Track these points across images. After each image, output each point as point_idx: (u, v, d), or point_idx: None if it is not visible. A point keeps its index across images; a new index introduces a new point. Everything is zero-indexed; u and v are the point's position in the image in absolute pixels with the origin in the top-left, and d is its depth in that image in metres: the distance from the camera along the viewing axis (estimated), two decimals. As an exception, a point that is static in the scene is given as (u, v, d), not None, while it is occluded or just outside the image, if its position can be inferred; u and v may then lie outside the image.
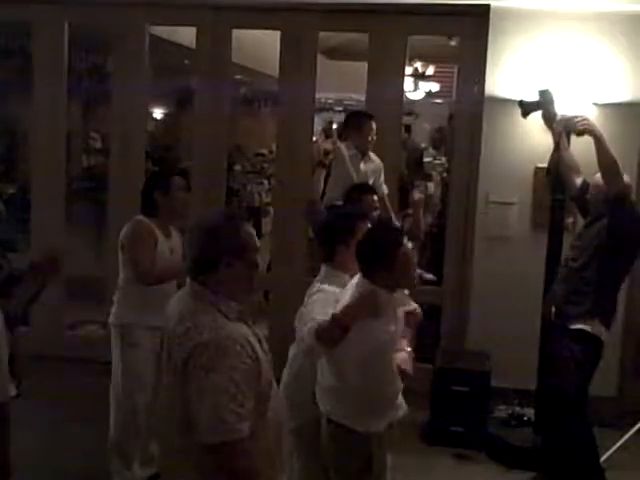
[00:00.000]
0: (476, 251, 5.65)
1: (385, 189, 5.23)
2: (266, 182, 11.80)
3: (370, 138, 5.06)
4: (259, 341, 2.46)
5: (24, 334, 4.93)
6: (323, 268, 3.32)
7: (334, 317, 2.93)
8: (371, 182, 4.97)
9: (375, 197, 4.53)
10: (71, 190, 8.34)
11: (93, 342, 6.36)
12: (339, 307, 3.00)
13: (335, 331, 2.92)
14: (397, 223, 4.85)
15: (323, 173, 5.03)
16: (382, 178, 5.22)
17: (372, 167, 5.12)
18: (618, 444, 4.66)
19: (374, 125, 5.08)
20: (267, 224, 10.49)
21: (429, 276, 5.09)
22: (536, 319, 5.01)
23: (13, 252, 4.85)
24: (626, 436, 4.76)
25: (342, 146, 5.06)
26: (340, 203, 4.49)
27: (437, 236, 6.86)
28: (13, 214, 6.98)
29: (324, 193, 5.17)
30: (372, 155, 5.17)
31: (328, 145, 5.24)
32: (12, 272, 3.45)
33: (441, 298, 5.93)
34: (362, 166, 5.02)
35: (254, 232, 2.49)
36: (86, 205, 9.60)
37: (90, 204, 9.55)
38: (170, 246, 4.08)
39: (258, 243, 2.48)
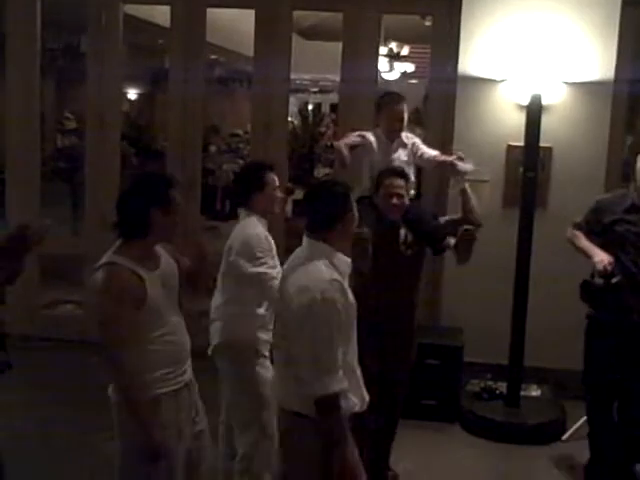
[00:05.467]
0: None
1: (433, 154, 4.77)
2: (241, 162, 11.83)
3: (396, 123, 4.68)
4: None
5: (-1, 313, 4.97)
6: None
7: None
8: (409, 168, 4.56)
9: (401, 182, 3.97)
10: (45, 170, 8.34)
11: (69, 321, 6.41)
12: None
13: None
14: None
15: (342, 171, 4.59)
16: (421, 151, 4.78)
17: (403, 154, 4.74)
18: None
19: (401, 106, 4.69)
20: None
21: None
22: (508, 295, 5.10)
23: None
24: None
25: (369, 135, 4.75)
26: (368, 194, 4.17)
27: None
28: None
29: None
30: (405, 137, 4.77)
31: (355, 138, 4.68)
32: None
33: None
34: (393, 154, 4.70)
35: None
36: (61, 185, 9.60)
37: (65, 184, 9.56)
38: (163, 280, 3.02)
39: None
